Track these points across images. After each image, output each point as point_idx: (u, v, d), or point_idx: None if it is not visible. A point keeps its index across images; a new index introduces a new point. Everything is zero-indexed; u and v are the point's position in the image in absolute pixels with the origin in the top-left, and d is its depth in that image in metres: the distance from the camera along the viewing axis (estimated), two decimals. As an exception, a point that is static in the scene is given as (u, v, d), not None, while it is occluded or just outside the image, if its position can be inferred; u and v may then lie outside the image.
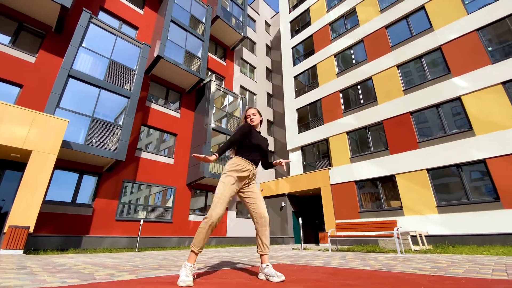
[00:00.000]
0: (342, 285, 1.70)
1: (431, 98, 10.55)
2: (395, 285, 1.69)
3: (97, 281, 1.93)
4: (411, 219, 9.79)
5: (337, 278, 2.02)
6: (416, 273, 2.35)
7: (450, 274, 2.32)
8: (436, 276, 2.16)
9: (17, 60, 8.70)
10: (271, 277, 1.93)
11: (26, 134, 6.40)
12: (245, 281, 1.94)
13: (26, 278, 2.14)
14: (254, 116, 2.52)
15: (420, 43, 11.50)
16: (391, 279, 1.99)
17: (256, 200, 2.28)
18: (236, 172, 2.26)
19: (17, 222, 5.64)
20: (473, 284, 1.73)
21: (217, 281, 1.96)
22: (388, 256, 4.78)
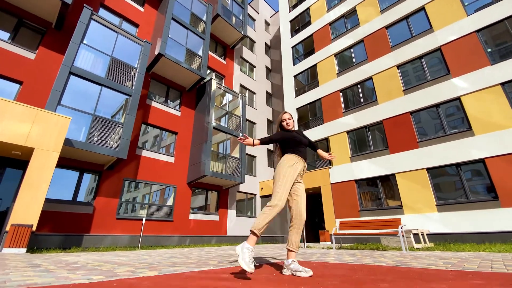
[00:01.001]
0: (374, 281, 1.73)
1: (431, 98, 10.68)
2: (424, 279, 1.72)
3: (124, 277, 1.92)
4: (411, 218, 9.90)
5: (362, 274, 2.05)
6: (434, 269, 2.39)
7: (467, 269, 2.36)
8: (456, 271, 2.20)
9: (16, 56, 8.57)
10: (299, 272, 1.95)
11: (29, 131, 6.32)
12: (272, 276, 1.95)
13: (46, 275, 2.13)
14: (289, 121, 2.73)
15: (420, 44, 11.62)
16: (415, 273, 2.02)
17: (299, 197, 2.38)
18: (292, 167, 2.44)
19: (20, 221, 5.57)
20: (497, 278, 1.77)
21: (244, 276, 1.97)
22: (395, 253, 4.84)
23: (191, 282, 1.71)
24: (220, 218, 13.12)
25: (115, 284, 1.63)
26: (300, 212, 2.30)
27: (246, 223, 14.19)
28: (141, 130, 11.51)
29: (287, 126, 2.71)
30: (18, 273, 2.24)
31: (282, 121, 2.73)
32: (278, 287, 1.51)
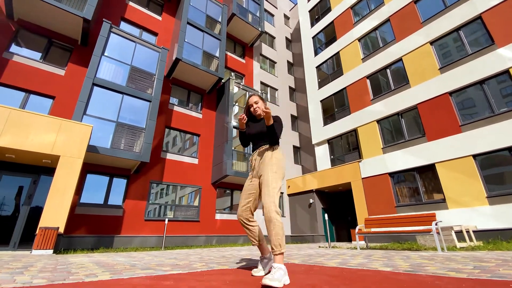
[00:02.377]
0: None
1: (473, 75, 9.25)
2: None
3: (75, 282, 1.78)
4: (457, 212, 8.66)
5: (334, 283, 1.63)
6: (448, 276, 1.85)
7: (497, 276, 1.79)
8: (474, 280, 1.66)
9: (48, 74, 9.38)
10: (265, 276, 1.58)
11: (54, 140, 6.80)
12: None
13: (4, 276, 2.08)
14: (256, 105, 2.31)
15: (456, 14, 10.17)
16: (409, 284, 1.55)
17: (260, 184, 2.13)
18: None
19: (47, 224, 5.98)
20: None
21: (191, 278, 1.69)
22: (425, 254, 4.13)
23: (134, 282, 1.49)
24: (221, 217, 12.94)
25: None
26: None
27: (274, 222, 13.82)
28: (170, 135, 11.90)
29: (254, 112, 2.32)
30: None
31: (250, 107, 2.35)
32: None
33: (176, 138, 12.36)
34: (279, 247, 1.72)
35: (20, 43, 9.29)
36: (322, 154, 14.57)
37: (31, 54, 9.37)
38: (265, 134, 2.19)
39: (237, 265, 2.82)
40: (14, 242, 6.90)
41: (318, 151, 14.90)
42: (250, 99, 2.34)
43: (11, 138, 6.23)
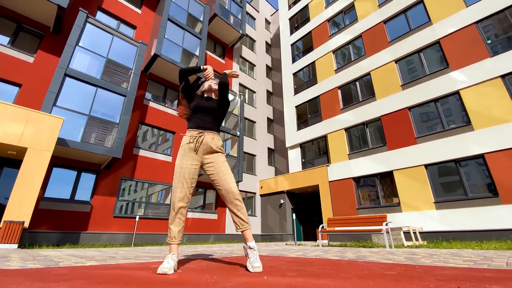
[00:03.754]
0: (294, 271, 1.71)
1: (429, 93, 10.39)
2: (345, 271, 1.69)
3: (54, 266, 1.98)
4: (409, 215, 9.67)
5: (290, 265, 2.03)
6: (379, 262, 2.34)
7: (417, 263, 2.30)
8: (393, 263, 2.15)
9: (15, 60, 8.89)
10: (248, 261, 1.81)
11: (22, 131, 6.55)
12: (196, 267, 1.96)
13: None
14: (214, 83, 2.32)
15: (418, 37, 11.32)
16: (346, 266, 1.99)
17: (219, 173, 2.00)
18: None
19: (12, 218, 5.78)
20: (421, 270, 1.72)
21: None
22: (374, 250, 4.74)
23: (109, 270, 1.74)
24: (218, 216, 13.21)
25: (34, 271, 1.69)
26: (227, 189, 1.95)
27: (245, 222, 14.22)
28: (142, 131, 11.75)
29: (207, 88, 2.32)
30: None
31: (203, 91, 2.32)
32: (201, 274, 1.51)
33: (147, 133, 12.21)
34: (249, 221, 1.96)
35: (-15, 25, 8.71)
36: (295, 157, 15.24)
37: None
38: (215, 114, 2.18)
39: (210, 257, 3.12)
40: (-31, 236, 6.51)
41: (291, 154, 15.55)
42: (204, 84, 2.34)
43: (-27, 127, 5.93)
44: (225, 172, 2.00)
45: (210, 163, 2.03)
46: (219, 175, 1.98)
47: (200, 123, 2.11)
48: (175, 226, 1.89)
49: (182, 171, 1.97)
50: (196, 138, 2.03)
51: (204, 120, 2.13)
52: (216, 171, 2.00)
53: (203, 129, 2.09)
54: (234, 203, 1.93)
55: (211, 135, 2.10)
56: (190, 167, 1.99)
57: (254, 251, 1.82)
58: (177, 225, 1.90)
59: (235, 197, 1.94)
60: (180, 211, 1.91)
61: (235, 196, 1.94)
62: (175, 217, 1.90)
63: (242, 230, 1.92)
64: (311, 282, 1.28)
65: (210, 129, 2.12)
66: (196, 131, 2.08)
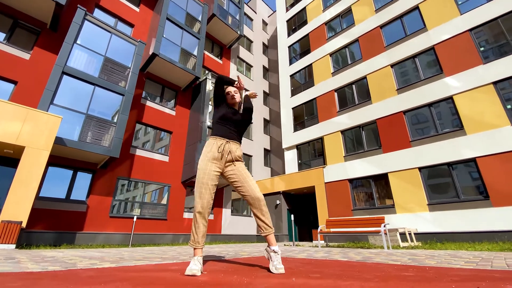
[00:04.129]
0: (316, 272, 1.79)
1: (424, 98, 10.66)
2: (363, 272, 1.77)
3: (76, 268, 2.00)
4: (403, 217, 9.90)
5: (312, 267, 2.10)
6: (388, 263, 2.44)
7: (424, 264, 2.41)
8: (404, 265, 2.25)
9: (11, 56, 8.72)
10: (271, 263, 1.89)
11: (19, 130, 6.45)
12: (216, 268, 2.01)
13: (8, 265, 2.21)
14: (236, 94, 2.30)
15: (414, 43, 11.60)
16: (362, 267, 2.08)
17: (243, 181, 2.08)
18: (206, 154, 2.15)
19: (10, 217, 5.69)
20: (434, 271, 1.82)
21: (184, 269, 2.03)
22: (373, 251, 4.87)
23: (134, 273, 1.78)
24: (214, 217, 13.21)
25: (61, 273, 1.71)
26: (252, 195, 2.04)
27: (241, 222, 14.28)
28: (139, 130, 11.67)
29: (230, 99, 2.30)
30: (-17, 265, 2.33)
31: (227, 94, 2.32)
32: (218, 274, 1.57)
33: (143, 132, 12.11)
34: (272, 226, 2.06)
35: (-20, 20, 8.51)
36: (291, 158, 15.37)
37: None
38: (240, 127, 2.27)
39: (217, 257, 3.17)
40: (-37, 236, 6.36)
41: (287, 155, 15.68)
42: (230, 87, 2.32)
43: (-31, 125, 5.80)
44: (249, 179, 2.10)
45: (232, 171, 2.11)
46: (244, 183, 2.07)
47: (227, 132, 2.19)
48: (199, 231, 1.95)
49: (205, 177, 2.02)
50: (223, 147, 2.10)
51: (231, 130, 2.22)
52: (240, 178, 2.09)
53: (229, 139, 2.17)
54: (260, 209, 2.02)
55: (235, 145, 2.20)
56: (213, 173, 2.05)
57: (277, 255, 1.90)
58: (201, 230, 1.95)
59: (261, 203, 2.03)
60: (203, 216, 1.96)
61: (261, 202, 2.03)
62: (199, 223, 1.95)
63: (266, 234, 2.00)
64: (340, 283, 1.35)
65: (235, 139, 2.22)
66: (223, 140, 2.15)
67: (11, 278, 1.42)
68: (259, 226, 2.04)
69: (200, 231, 1.94)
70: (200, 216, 1.95)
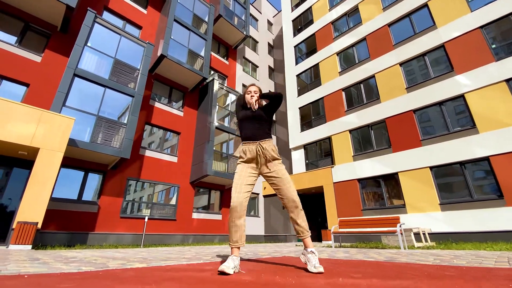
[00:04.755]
0: (355, 272, 1.77)
1: (434, 96, 10.55)
2: (404, 272, 1.75)
3: (112, 268, 2.00)
4: (414, 217, 9.80)
5: (347, 266, 2.08)
6: (421, 263, 2.40)
7: (455, 264, 2.37)
8: (440, 265, 2.22)
9: (23, 59, 8.82)
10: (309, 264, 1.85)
11: (34, 132, 6.51)
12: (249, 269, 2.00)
13: (41, 266, 2.23)
14: (256, 94, 2.24)
15: (423, 41, 11.49)
16: (398, 267, 2.05)
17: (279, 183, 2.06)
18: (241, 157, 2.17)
19: (26, 218, 5.75)
20: (475, 271, 1.79)
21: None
22: (391, 251, 4.82)
23: (173, 273, 1.78)
24: (223, 217, 13.21)
25: (101, 273, 1.71)
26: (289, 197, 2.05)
27: (249, 223, 14.25)
28: (148, 131, 11.75)
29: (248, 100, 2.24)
30: (15, 264, 2.35)
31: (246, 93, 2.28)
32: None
33: (152, 133, 12.19)
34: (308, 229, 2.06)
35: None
36: (298, 158, 15.32)
37: (6, 37, 8.74)
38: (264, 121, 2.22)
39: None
40: (-18, 237, 6.46)
41: (294, 155, 15.63)
42: (251, 87, 2.28)
43: (-14, 127, 5.88)
44: (286, 182, 2.08)
45: (269, 173, 2.10)
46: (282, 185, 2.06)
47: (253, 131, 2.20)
48: (234, 232, 1.94)
49: (239, 180, 2.02)
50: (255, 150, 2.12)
51: (255, 127, 2.20)
52: (277, 180, 2.07)
53: (258, 140, 2.16)
54: (296, 212, 2.04)
55: (265, 143, 2.15)
56: (248, 175, 2.05)
57: (315, 255, 1.89)
58: (237, 230, 1.94)
59: (297, 207, 2.04)
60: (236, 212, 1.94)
61: (296, 205, 2.04)
62: (233, 223, 1.95)
63: (303, 238, 2.00)
64: (389, 283, 1.33)
65: (263, 137, 2.18)
66: (253, 144, 2.15)
67: (58, 279, 1.42)
68: (296, 230, 2.05)
69: (235, 231, 1.94)
70: (234, 217, 1.94)
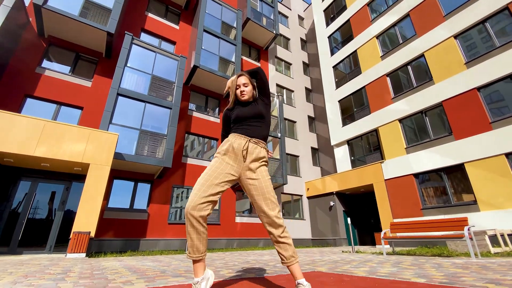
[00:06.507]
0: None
1: (503, 68, 8.73)
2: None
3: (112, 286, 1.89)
4: (490, 215, 8.17)
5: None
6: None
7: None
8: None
9: (76, 86, 9.95)
10: None
11: (84, 149, 7.20)
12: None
13: (47, 285, 2.24)
14: (245, 88, 1.88)
15: (481, 5, 9.65)
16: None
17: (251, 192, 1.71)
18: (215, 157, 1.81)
19: (80, 228, 6.34)
20: None
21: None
22: (458, 261, 3.95)
23: None
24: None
25: None
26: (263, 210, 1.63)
27: (293, 225, 13.75)
28: (195, 140, 12.29)
29: (241, 95, 1.89)
30: (30, 281, 2.43)
31: (237, 87, 1.91)
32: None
33: (194, 141, 12.66)
34: (296, 254, 1.60)
35: (51, 58, 9.94)
36: (342, 155, 14.30)
37: (61, 68, 9.99)
38: (261, 119, 1.84)
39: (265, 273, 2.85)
40: (50, 245, 7.36)
41: (337, 152, 14.64)
42: (239, 79, 1.90)
43: (46, 149, 6.68)
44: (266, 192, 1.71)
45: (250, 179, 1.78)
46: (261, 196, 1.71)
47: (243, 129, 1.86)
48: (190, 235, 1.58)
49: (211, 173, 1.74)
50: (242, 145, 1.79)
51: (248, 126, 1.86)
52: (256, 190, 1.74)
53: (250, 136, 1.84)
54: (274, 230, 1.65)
55: (255, 144, 1.81)
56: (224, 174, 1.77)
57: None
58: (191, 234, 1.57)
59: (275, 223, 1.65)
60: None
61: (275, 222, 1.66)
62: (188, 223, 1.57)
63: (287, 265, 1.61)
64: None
65: (256, 137, 1.83)
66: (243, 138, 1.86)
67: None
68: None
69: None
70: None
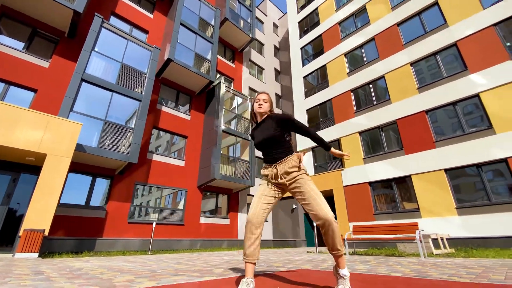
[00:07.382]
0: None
1: (447, 96, 10.22)
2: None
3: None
4: (429, 221, 9.45)
5: (378, 287, 1.87)
6: (458, 281, 2.17)
7: (493, 281, 2.13)
8: (484, 284, 1.98)
9: (31, 65, 8.85)
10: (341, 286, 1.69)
11: (41, 137, 6.46)
12: None
13: (43, 285, 2.07)
14: (265, 103, 2.11)
15: (434, 40, 11.18)
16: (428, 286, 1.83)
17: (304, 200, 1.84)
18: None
19: (32, 226, 5.66)
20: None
21: None
22: (412, 260, 4.56)
23: None
24: (231, 221, 13.02)
25: None
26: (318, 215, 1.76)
27: (257, 227, 14.01)
28: (154, 135, 11.70)
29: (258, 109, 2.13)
30: (17, 281, 2.20)
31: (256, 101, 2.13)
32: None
33: (161, 137, 12.14)
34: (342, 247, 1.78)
35: (2, 31, 8.68)
36: (306, 161, 15.06)
37: (13, 43, 8.79)
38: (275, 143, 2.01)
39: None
40: (-10, 244, 6.41)
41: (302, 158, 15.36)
42: (260, 95, 2.11)
43: (-5, 133, 5.84)
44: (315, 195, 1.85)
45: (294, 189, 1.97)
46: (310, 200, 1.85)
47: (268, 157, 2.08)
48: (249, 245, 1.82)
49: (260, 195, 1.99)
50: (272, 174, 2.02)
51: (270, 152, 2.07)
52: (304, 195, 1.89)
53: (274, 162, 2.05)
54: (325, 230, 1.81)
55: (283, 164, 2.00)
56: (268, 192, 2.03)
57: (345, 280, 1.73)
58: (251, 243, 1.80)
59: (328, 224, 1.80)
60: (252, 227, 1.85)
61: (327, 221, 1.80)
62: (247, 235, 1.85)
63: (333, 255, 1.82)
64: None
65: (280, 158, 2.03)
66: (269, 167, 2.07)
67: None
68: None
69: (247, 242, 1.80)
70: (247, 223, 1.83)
